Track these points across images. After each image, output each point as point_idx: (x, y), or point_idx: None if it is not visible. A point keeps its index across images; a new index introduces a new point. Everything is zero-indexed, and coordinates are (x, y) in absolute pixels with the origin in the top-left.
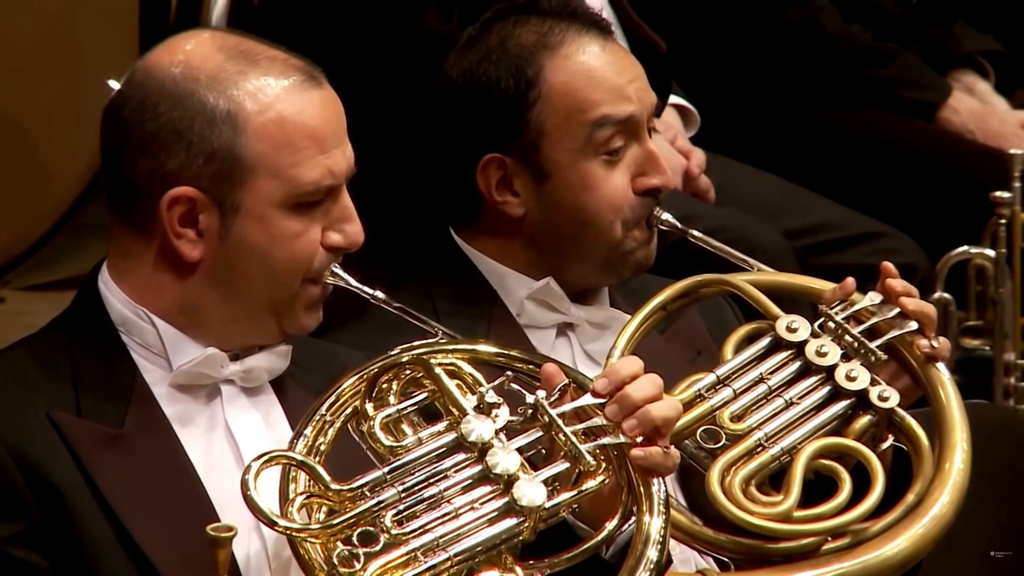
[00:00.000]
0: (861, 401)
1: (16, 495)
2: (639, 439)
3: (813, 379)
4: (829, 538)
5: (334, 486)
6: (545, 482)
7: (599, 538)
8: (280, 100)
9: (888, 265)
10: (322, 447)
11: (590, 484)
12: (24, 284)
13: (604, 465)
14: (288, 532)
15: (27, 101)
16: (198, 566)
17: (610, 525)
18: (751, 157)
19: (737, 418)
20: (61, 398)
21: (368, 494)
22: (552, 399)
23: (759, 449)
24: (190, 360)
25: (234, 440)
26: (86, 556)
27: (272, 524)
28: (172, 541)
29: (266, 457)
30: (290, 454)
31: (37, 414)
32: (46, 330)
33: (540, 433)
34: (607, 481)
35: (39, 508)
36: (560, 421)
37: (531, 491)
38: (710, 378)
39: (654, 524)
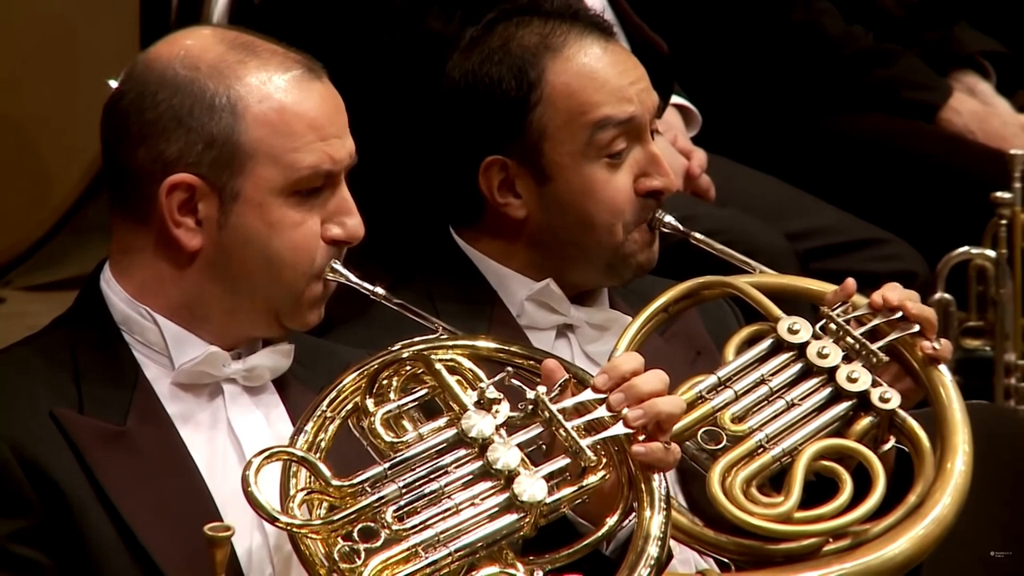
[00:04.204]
0: (862, 402)
1: (18, 492)
2: (641, 435)
3: (814, 381)
4: (830, 539)
5: (335, 482)
6: (546, 478)
7: (600, 534)
8: (280, 90)
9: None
10: (323, 443)
11: (591, 480)
12: (25, 284)
13: (605, 461)
14: (289, 528)
15: (28, 102)
16: (200, 563)
17: (611, 521)
18: (752, 158)
19: (738, 419)
20: (63, 395)
21: (369, 490)
22: (553, 395)
23: (760, 450)
24: (192, 359)
25: (236, 439)
26: (88, 553)
27: (273, 520)
28: (174, 538)
29: (267, 453)
30: (290, 450)
31: (39, 411)
32: (48, 329)
33: (541, 429)
34: (608, 477)
35: (41, 505)
36: (560, 416)
37: (532, 487)
38: (711, 379)
39: (655, 520)
